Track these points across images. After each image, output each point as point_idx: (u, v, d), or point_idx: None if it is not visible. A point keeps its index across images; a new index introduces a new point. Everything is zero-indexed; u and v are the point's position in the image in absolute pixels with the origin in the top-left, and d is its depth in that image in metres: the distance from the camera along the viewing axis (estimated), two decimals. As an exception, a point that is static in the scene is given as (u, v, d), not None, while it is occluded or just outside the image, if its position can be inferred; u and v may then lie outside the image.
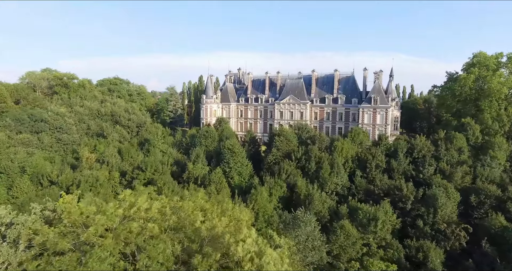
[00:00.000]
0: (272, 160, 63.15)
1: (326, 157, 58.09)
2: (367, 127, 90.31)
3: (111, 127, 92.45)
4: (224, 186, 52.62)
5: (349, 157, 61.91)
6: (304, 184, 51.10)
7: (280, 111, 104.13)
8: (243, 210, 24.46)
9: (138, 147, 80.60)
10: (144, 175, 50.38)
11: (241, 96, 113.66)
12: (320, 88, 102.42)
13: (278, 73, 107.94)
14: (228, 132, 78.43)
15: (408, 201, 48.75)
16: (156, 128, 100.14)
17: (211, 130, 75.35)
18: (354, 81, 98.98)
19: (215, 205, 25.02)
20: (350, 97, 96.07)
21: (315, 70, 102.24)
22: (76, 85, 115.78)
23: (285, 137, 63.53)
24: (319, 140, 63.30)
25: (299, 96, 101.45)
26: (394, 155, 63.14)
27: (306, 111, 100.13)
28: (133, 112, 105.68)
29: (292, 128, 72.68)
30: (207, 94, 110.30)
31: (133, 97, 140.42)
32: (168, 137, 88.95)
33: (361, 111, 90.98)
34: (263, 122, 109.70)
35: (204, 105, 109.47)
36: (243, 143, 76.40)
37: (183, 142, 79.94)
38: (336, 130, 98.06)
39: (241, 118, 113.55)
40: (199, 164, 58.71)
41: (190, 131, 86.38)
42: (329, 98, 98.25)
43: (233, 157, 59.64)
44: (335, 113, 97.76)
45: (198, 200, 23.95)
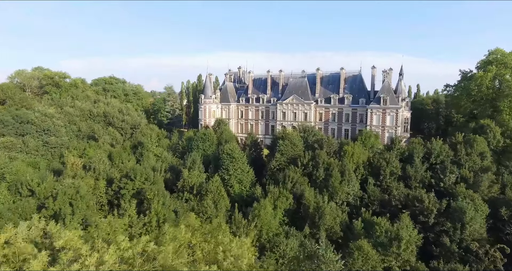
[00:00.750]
0: (275, 166, 57.55)
1: (335, 163, 52.44)
2: (376, 129, 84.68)
3: (102, 129, 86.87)
4: (223, 196, 47.00)
5: (360, 163, 56.26)
6: (312, 195, 45.46)
7: (283, 112, 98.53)
8: (243, 244, 18.99)
9: (131, 151, 74.98)
10: (132, 184, 44.75)
11: (242, 96, 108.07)
12: (325, 87, 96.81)
13: (280, 71, 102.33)
14: (228, 135, 72.83)
15: (430, 214, 43.10)
16: (151, 130, 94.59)
17: (209, 133, 69.75)
18: (361, 80, 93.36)
19: (208, 237, 19.52)
20: (357, 97, 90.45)
21: (319, 69, 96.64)
22: (68, 85, 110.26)
23: (290, 140, 57.92)
24: (327, 143, 57.66)
25: (302, 96, 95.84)
26: (409, 160, 57.47)
27: (310, 112, 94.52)
28: (128, 113, 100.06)
29: (297, 130, 67.05)
30: (206, 94, 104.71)
31: (129, 97, 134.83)
32: (163, 139, 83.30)
33: (370, 112, 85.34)
34: (264, 124, 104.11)
35: (203, 105, 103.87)
36: (244, 146, 70.80)
37: (180, 145, 74.33)
38: (342, 132, 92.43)
39: (241, 120, 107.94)
40: (195, 170, 53.12)
41: (187, 134, 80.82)
42: (334, 98, 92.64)
43: (233, 163, 54.04)
44: (341, 114, 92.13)
45: (182, 236, 18.28)
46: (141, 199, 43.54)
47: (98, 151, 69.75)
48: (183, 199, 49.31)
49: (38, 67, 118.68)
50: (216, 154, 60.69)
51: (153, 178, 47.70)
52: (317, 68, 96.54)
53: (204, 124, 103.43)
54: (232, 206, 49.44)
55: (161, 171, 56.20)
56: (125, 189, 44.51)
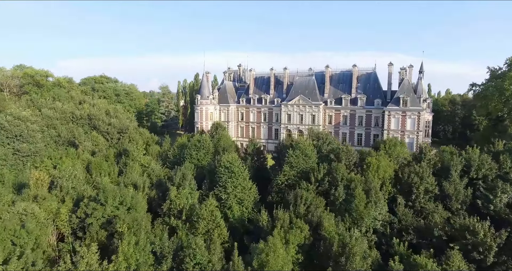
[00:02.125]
0: (283, 181, 47.57)
1: (358, 179, 42.50)
2: (394, 134, 74.72)
3: (84, 134, 77.01)
4: (218, 224, 37.09)
5: (387, 178, 46.34)
6: (333, 223, 35.54)
7: (288, 114, 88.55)
8: None
9: (115, 160, 65.12)
10: (102, 210, 34.85)
11: (242, 97, 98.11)
12: (335, 87, 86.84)
13: (285, 69, 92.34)
14: (226, 142, 62.87)
15: (488, 250, 33.20)
16: (140, 134, 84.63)
17: (204, 139, 59.80)
18: (376, 78, 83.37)
19: None
20: (372, 98, 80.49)
21: (329, 66, 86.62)
22: (51, 84, 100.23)
23: (301, 150, 47.94)
24: (345, 154, 47.65)
25: (310, 96, 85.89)
26: (445, 175, 47.53)
27: (318, 114, 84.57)
28: (116, 115, 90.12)
29: (309, 137, 56.98)
30: (202, 94, 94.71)
31: (121, 98, 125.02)
32: (153, 145, 73.43)
33: (387, 114, 75.33)
34: (267, 127, 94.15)
35: (199, 107, 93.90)
36: (245, 154, 60.89)
37: (171, 153, 64.39)
38: (355, 137, 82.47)
39: (241, 122, 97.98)
40: (186, 188, 43.17)
41: (179, 140, 70.99)
42: (346, 99, 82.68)
43: (232, 179, 44.11)
44: (354, 116, 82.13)
45: None
46: (112, 231, 33.64)
47: (75, 161, 59.95)
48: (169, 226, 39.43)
49: (20, 65, 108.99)
50: (212, 165, 50.70)
51: (131, 200, 37.68)
52: (326, 65, 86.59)
53: (200, 128, 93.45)
54: (231, 234, 39.71)
55: (144, 188, 46.27)
56: (92, 217, 34.50)
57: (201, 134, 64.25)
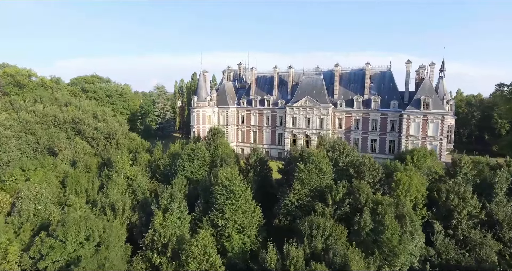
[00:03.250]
0: (293, 202, 39.30)
1: (387, 202, 34.27)
2: (414, 140, 66.48)
3: (66, 141, 68.93)
4: (213, 263, 28.87)
5: (419, 198, 38.17)
6: (363, 267, 27.30)
7: (293, 117, 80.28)
8: None
9: (97, 171, 57.03)
10: (62, 250, 26.65)
11: (243, 98, 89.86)
12: (345, 87, 78.56)
13: (290, 68, 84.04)
14: (224, 151, 54.64)
15: None
16: (130, 140, 76.46)
17: (198, 149, 51.56)
18: (391, 78, 75.09)
19: None
20: (388, 100, 72.21)
21: (339, 64, 78.35)
22: (34, 84, 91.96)
23: (315, 164, 39.71)
24: (368, 169, 39.43)
25: (318, 97, 77.64)
26: (486, 193, 39.45)
27: (327, 117, 76.29)
28: (104, 118, 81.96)
29: (321, 147, 48.65)
30: (199, 95, 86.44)
31: (113, 99, 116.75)
32: (143, 154, 65.08)
33: (406, 118, 67.04)
34: (270, 131, 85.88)
35: (195, 109, 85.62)
36: (246, 165, 52.69)
37: (161, 164, 56.17)
38: (368, 143, 74.20)
39: (242, 126, 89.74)
40: (174, 213, 35.03)
41: (172, 147, 62.86)
42: (358, 100, 74.41)
43: (231, 200, 35.90)
44: (367, 120, 73.85)
45: None
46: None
47: (49, 173, 51.81)
48: (151, 263, 31.22)
49: (2, 63, 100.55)
50: (207, 182, 42.48)
51: (103, 233, 29.40)
52: (336, 63, 78.30)
53: (197, 132, 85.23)
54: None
55: (124, 211, 38.07)
56: (47, 259, 26.23)
57: (196, 143, 55.90)
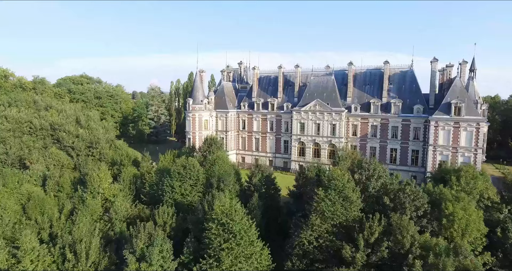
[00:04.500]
0: (311, 241, 30.06)
1: (442, 247, 25.15)
2: (444, 150, 57.28)
3: (43, 149, 59.92)
4: None
5: (478, 238, 28.98)
6: None
7: (301, 122, 71.08)
8: None
9: (72, 190, 47.91)
10: None
11: (244, 101, 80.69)
12: (360, 89, 69.36)
13: (297, 67, 74.81)
14: (223, 167, 45.33)
15: None
16: (115, 150, 67.35)
17: (191, 165, 42.40)
18: (413, 79, 65.89)
19: None
20: (410, 103, 63.03)
21: (353, 63, 69.14)
22: (11, 86, 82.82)
23: (338, 190, 30.57)
24: (409, 197, 30.21)
25: (329, 101, 68.44)
26: None
27: (340, 123, 67.08)
28: (88, 124, 72.82)
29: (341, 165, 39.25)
30: (195, 97, 77.21)
31: (103, 101, 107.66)
32: (129, 167, 55.90)
33: (433, 125, 57.81)
34: (275, 138, 76.67)
35: (191, 113, 76.39)
36: (250, 184, 43.49)
37: (146, 182, 46.90)
38: (386, 153, 64.97)
39: (243, 132, 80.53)
40: (153, 263, 25.94)
41: (162, 160, 53.74)
42: (375, 104, 65.20)
43: (231, 243, 26.75)
44: (386, 126, 64.63)
45: None
46: None
47: (8, 196, 42.67)
48: None
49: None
50: (199, 212, 33.30)
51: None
52: (350, 62, 69.08)
53: (192, 139, 76.05)
54: None
55: (88, 255, 28.83)
56: None
57: (189, 156, 46.55)
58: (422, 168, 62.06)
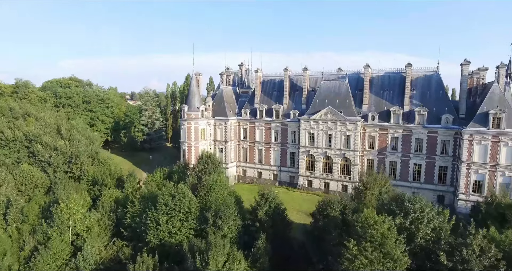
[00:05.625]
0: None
1: None
2: (479, 169, 48.98)
3: (7, 168, 51.74)
4: None
5: None
6: None
7: (310, 133, 62.83)
8: None
9: (38, 220, 39.79)
10: None
11: (245, 107, 72.42)
12: (377, 95, 61.11)
13: (305, 70, 66.53)
14: (221, 195, 37.07)
15: None
16: (100, 164, 59.01)
17: (182, 193, 34.21)
18: (440, 84, 57.63)
19: None
20: (437, 112, 54.78)
21: (369, 66, 60.89)
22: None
23: (376, 242, 22.40)
24: (474, 253, 22.04)
25: (342, 108, 60.21)
26: None
27: (355, 134, 58.83)
28: (70, 134, 64.56)
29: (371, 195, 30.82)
30: (191, 104, 68.91)
31: (92, 105, 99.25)
32: (110, 189, 47.62)
33: (467, 139, 49.51)
34: (280, 150, 68.39)
35: (186, 121, 68.10)
36: (254, 220, 35.18)
37: (129, 212, 38.63)
38: (409, 169, 56.70)
39: (244, 142, 72.25)
40: None
41: (149, 182, 45.50)
42: (396, 113, 56.94)
43: None
44: (409, 139, 56.37)
45: None
46: None
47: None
48: None
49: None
50: (192, 267, 25.09)
51: None
52: (366, 64, 60.81)
53: (187, 151, 67.80)
54: None
55: None
56: None
57: (178, 183, 38.12)
58: (451, 187, 53.88)
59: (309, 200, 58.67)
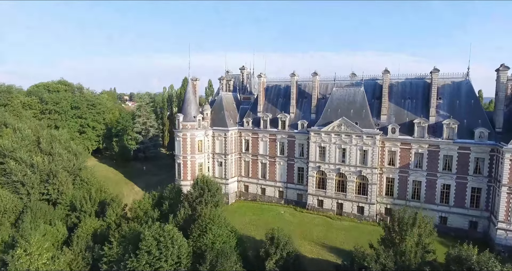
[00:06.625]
0: None
1: None
2: (523, 194, 41.65)
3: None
4: None
5: None
6: None
7: (321, 146, 55.56)
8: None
9: None
10: None
11: (247, 116, 65.17)
12: (397, 104, 53.85)
13: (315, 75, 59.28)
14: (220, 235, 29.86)
15: None
16: (82, 183, 51.74)
17: (170, 237, 27.01)
18: (471, 92, 50.29)
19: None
20: (469, 125, 47.51)
21: (388, 71, 53.59)
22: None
23: None
24: None
25: (357, 119, 52.95)
26: None
27: (374, 149, 51.56)
28: (51, 146, 57.24)
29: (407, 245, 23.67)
30: (187, 112, 61.66)
31: (82, 111, 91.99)
32: (90, 218, 40.41)
33: (508, 158, 42.17)
34: (286, 164, 61.14)
35: (181, 133, 60.84)
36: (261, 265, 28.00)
37: (106, 253, 31.37)
38: (436, 190, 49.42)
39: (246, 155, 64.97)
40: None
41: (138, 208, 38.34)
42: (421, 125, 49.65)
43: None
44: (436, 155, 49.07)
45: None
46: None
47: None
48: None
49: None
50: None
51: None
52: (385, 69, 53.50)
53: (183, 165, 60.61)
54: None
55: None
56: None
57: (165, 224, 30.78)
58: (485, 212, 46.62)
59: (321, 224, 51.51)
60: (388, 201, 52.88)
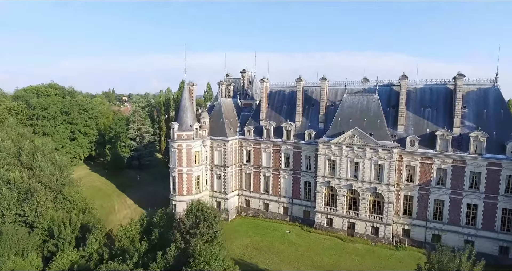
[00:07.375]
0: None
1: None
2: None
3: None
4: None
5: None
6: None
7: (331, 159, 50.12)
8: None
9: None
10: None
11: (248, 124, 59.73)
12: (416, 113, 48.40)
13: (323, 80, 53.79)
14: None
15: None
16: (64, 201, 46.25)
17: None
18: (500, 100, 44.89)
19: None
20: (498, 138, 42.14)
21: (406, 76, 48.08)
22: None
23: None
24: None
25: (372, 130, 47.52)
26: None
27: (390, 163, 46.11)
28: (33, 159, 51.80)
29: None
30: (182, 121, 56.22)
31: (73, 117, 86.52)
32: (68, 251, 34.97)
33: (549, 178, 36.70)
34: (291, 178, 55.70)
35: (176, 143, 55.38)
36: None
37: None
38: (461, 211, 43.99)
39: (247, 167, 59.50)
40: None
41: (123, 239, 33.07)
42: (444, 137, 44.22)
43: None
44: (461, 171, 43.63)
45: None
46: None
47: None
48: None
49: None
50: None
51: None
52: (403, 74, 47.99)
53: (178, 179, 55.22)
54: None
55: None
56: None
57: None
58: (518, 236, 41.25)
59: (331, 247, 46.04)
60: (406, 221, 47.45)
